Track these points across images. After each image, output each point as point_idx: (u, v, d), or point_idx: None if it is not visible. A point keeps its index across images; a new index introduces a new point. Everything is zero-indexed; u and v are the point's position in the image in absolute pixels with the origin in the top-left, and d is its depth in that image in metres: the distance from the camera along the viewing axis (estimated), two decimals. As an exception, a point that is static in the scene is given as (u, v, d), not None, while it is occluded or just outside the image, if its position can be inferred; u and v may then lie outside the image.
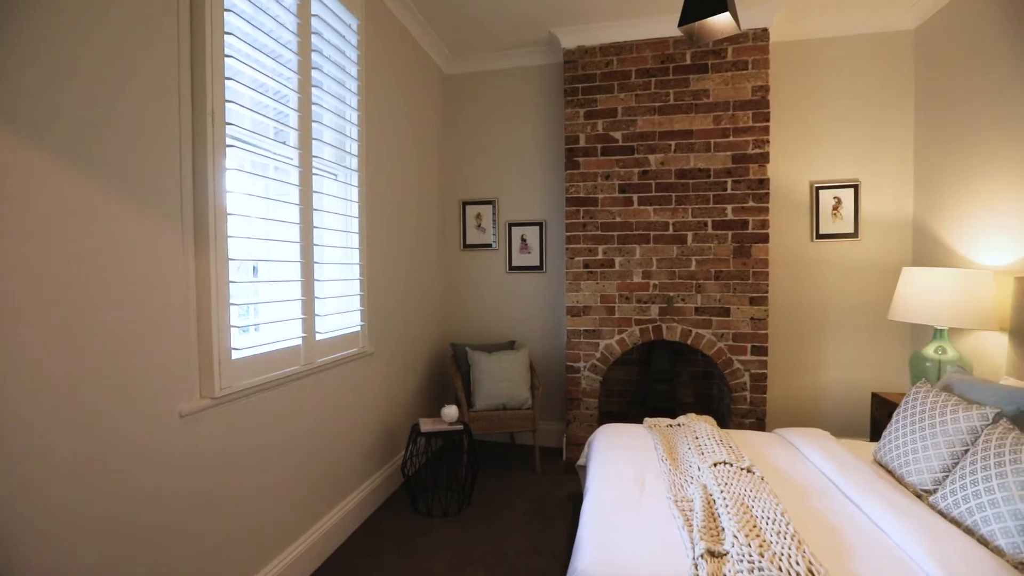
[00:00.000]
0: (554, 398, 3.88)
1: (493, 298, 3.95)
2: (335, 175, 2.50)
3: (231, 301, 1.77)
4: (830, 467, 2.03)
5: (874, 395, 2.94)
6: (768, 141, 3.17)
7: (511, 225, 3.87)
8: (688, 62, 3.28)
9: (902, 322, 3.29)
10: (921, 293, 2.61)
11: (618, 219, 3.42)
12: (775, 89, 3.39)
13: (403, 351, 3.28)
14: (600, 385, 3.53)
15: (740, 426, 3.29)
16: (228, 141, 1.75)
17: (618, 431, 2.61)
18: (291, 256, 2.15)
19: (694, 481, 1.91)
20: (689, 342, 3.35)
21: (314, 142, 2.29)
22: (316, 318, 2.27)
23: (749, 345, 3.26)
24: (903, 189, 3.27)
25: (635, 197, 3.39)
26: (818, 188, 3.36)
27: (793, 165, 3.42)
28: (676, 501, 1.78)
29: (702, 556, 1.40)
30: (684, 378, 3.78)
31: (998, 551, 1.45)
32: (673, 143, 3.31)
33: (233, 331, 1.80)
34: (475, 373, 3.40)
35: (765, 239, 3.20)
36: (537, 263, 3.84)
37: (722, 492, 1.75)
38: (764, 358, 3.23)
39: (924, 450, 1.92)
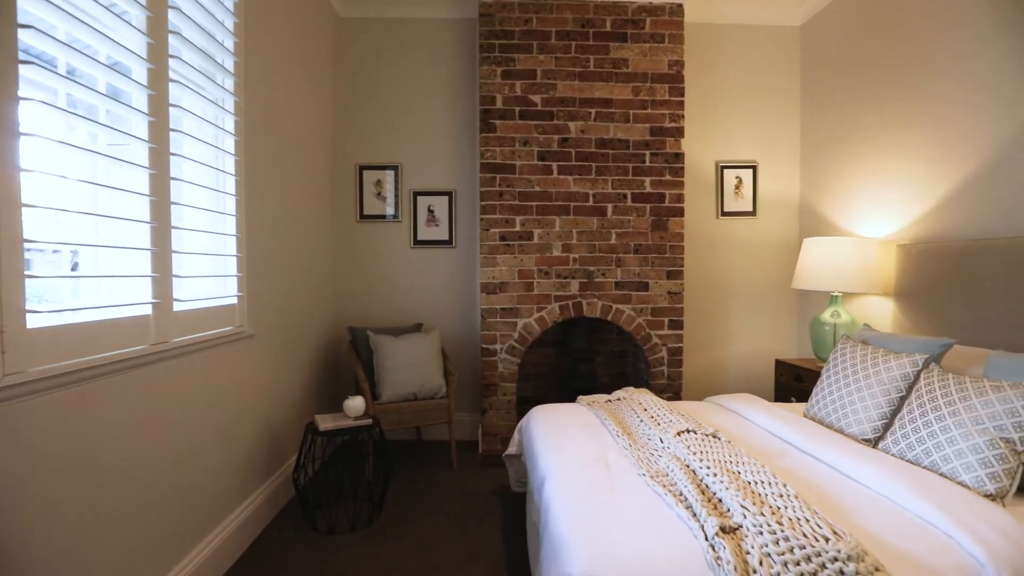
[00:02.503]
0: (466, 386, 3.54)
1: (396, 276, 3.47)
2: (202, 112, 1.88)
3: (25, 236, 1.15)
4: (779, 427, 1.99)
5: (778, 361, 3.09)
6: (683, 116, 3.19)
7: (416, 194, 3.44)
8: (608, 29, 3.17)
9: (795, 294, 3.55)
10: (820, 262, 2.78)
11: (537, 188, 3.19)
12: (687, 68, 3.44)
13: (290, 335, 2.68)
14: (518, 368, 3.27)
15: (658, 401, 3.26)
16: (22, 55, 1.14)
17: (556, 411, 2.36)
18: (137, 187, 1.53)
19: (662, 454, 1.72)
20: (610, 318, 3.24)
21: (172, 81, 1.67)
22: (174, 280, 1.66)
23: (667, 319, 3.25)
24: (792, 171, 3.53)
25: (555, 166, 3.19)
26: (723, 167, 3.48)
27: (700, 143, 3.50)
28: (652, 477, 1.56)
29: (717, 534, 1.18)
30: (600, 358, 3.68)
31: (963, 487, 1.46)
32: (593, 111, 3.18)
33: (30, 284, 1.18)
34: (380, 360, 2.91)
35: (681, 213, 3.22)
36: (446, 237, 3.46)
37: (701, 461, 1.58)
38: (680, 332, 3.24)
39: (861, 401, 1.96)
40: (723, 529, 1.21)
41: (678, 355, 3.27)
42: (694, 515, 1.31)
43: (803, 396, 2.79)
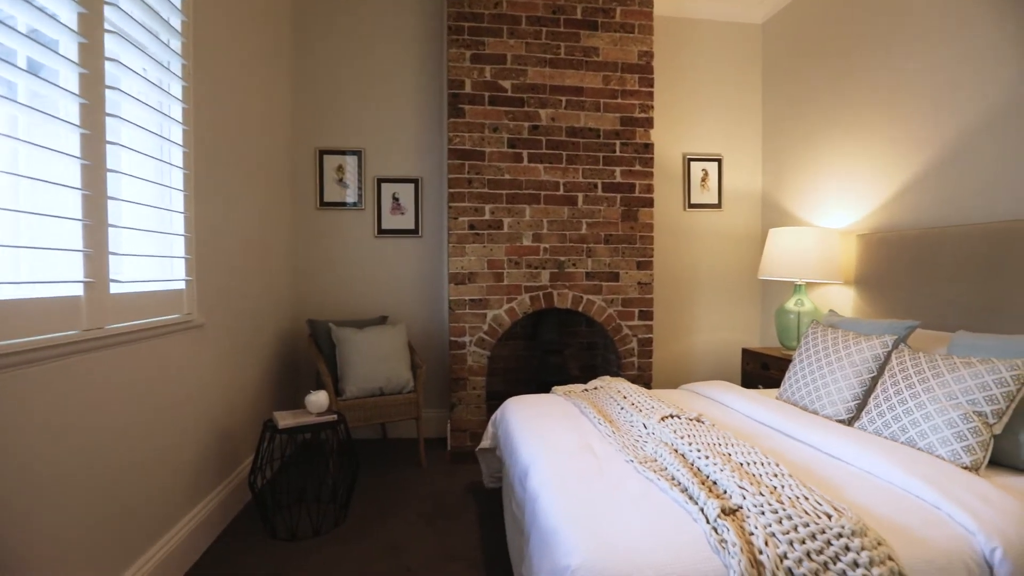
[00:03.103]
0: (433, 382, 3.41)
1: (359, 267, 3.30)
2: (143, 74, 1.68)
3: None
4: (757, 411, 2.00)
5: (744, 350, 3.14)
6: (652, 107, 3.19)
7: (380, 181, 3.28)
8: (579, 16, 3.13)
9: (758, 285, 3.63)
10: (785, 252, 2.84)
11: (507, 176, 3.11)
12: (655, 60, 3.45)
13: (245, 327, 2.48)
14: (487, 362, 3.17)
15: (629, 392, 3.24)
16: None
17: (532, 402, 2.28)
18: (67, 148, 1.34)
19: (647, 440, 1.68)
20: (580, 309, 3.20)
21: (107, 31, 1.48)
22: (110, 257, 1.47)
23: (637, 310, 3.25)
24: (755, 165, 3.61)
25: (525, 153, 3.12)
26: (690, 160, 3.52)
27: (668, 136, 3.53)
28: (641, 463, 1.51)
29: (719, 516, 1.14)
30: (570, 350, 3.64)
31: (943, 461, 1.48)
32: (564, 99, 3.14)
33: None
34: (343, 353, 2.75)
35: (650, 203, 3.22)
36: (412, 226, 3.32)
37: (690, 445, 1.54)
38: (651, 323, 3.25)
39: (835, 383, 2.00)
40: (724, 511, 1.17)
41: (648, 346, 3.26)
42: (691, 499, 1.26)
43: (769, 383, 2.84)
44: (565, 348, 3.48)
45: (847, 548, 1.06)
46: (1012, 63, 2.04)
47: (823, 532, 1.08)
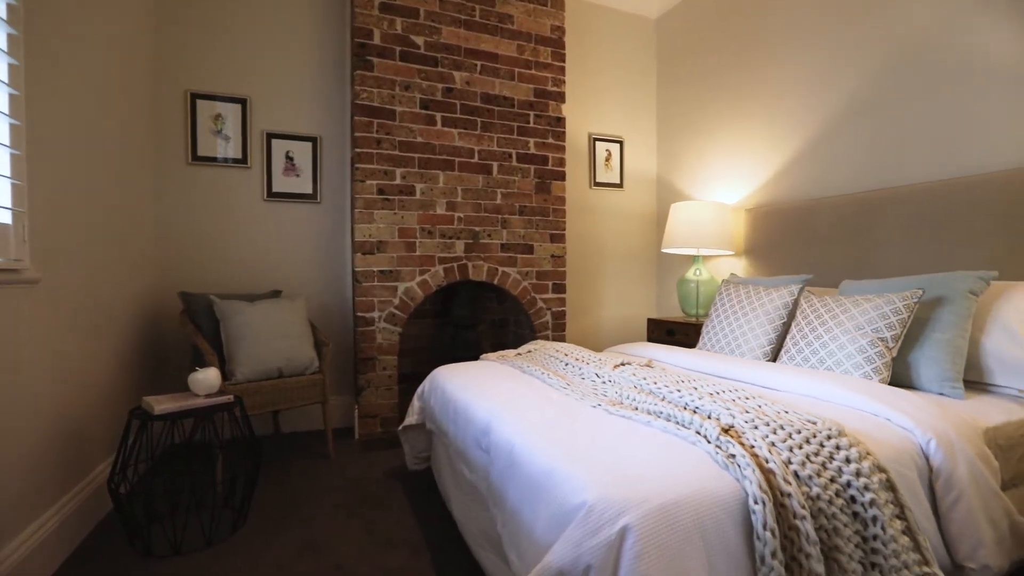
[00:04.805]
0: (333, 365, 3.05)
1: (244, 234, 2.82)
2: None
3: None
4: (689, 360, 2.07)
5: (650, 320, 3.31)
6: (564, 81, 3.23)
7: (271, 136, 2.84)
8: (493, -20, 3.05)
9: (655, 262, 3.87)
10: (685, 224, 3.05)
11: (419, 139, 2.90)
12: (568, 39, 3.49)
13: (96, 295, 1.94)
14: (399, 339, 2.92)
15: (545, 366, 3.22)
16: None
17: (465, 368, 2.12)
18: None
19: (607, 388, 1.63)
20: (496, 282, 3.10)
21: None
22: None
23: (551, 283, 3.24)
24: (651, 148, 3.85)
25: (439, 116, 2.94)
26: (595, 139, 3.63)
27: (576, 114, 3.60)
28: (611, 404, 1.45)
29: (720, 435, 1.11)
30: (481, 327, 3.52)
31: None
32: (479, 64, 3.02)
33: None
34: (231, 330, 2.30)
35: (562, 177, 3.25)
36: (309, 190, 2.94)
37: (656, 383, 1.52)
38: (564, 296, 3.27)
39: (752, 331, 2.16)
40: (723, 429, 1.15)
41: (562, 319, 3.28)
42: (680, 425, 1.23)
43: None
44: (478, 324, 3.36)
45: (837, 447, 1.10)
46: (867, 62, 2.41)
47: (814, 436, 1.12)
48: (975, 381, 1.74)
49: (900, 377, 1.76)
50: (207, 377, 1.84)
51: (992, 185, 1.93)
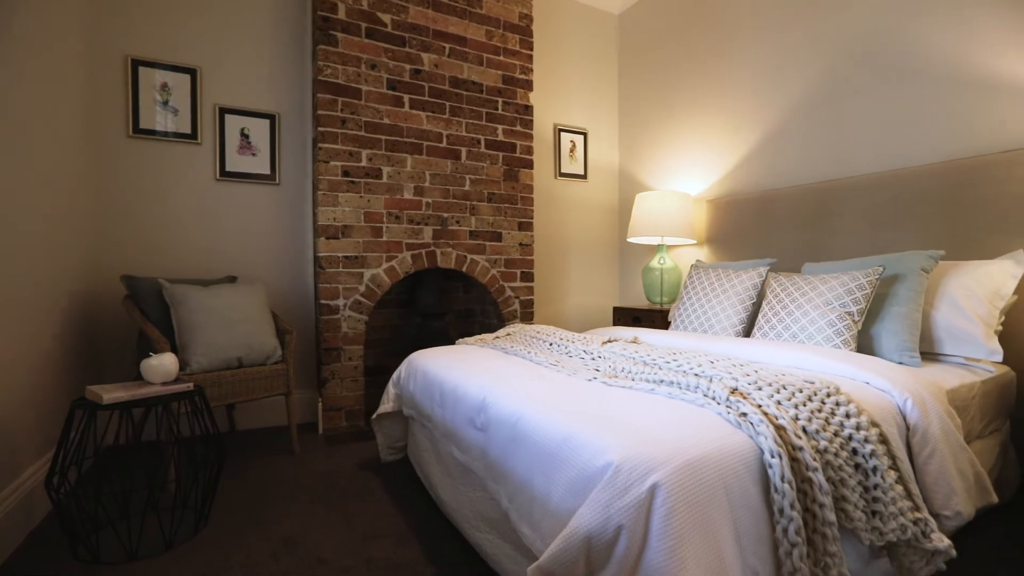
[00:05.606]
0: (294, 355, 2.87)
1: (195, 215, 2.60)
2: None
3: None
4: (667, 339, 2.11)
5: (615, 308, 3.36)
6: (532, 69, 3.22)
7: (224, 111, 2.64)
8: (462, -38, 2.99)
9: (618, 252, 3.94)
10: (649, 214, 3.12)
11: (386, 121, 2.80)
12: (535, 28, 3.49)
13: (23, 276, 1.72)
14: (365, 328, 2.80)
15: (514, 354, 3.20)
16: None
17: (444, 351, 2.05)
18: None
19: (599, 363, 1.63)
20: (464, 269, 3.05)
21: None
22: None
23: (519, 271, 3.23)
24: (613, 141, 3.93)
25: (407, 98, 2.85)
26: (560, 130, 3.65)
27: (541, 104, 3.60)
28: (607, 377, 1.45)
29: (730, 396, 1.13)
30: (448, 317, 3.44)
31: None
32: (447, 46, 2.96)
33: None
34: (184, 316, 2.11)
35: (530, 165, 3.24)
36: (267, 170, 2.76)
37: (650, 355, 1.53)
38: (532, 284, 3.26)
39: (724, 311, 2.24)
40: (732, 391, 1.17)
41: (530, 307, 3.27)
42: (684, 389, 1.24)
43: (643, 333, 3.08)
44: (446, 313, 3.28)
45: (837, 404, 1.15)
46: (819, 60, 2.57)
47: (815, 394, 1.16)
48: (927, 351, 1.88)
49: (863, 348, 1.87)
50: (163, 363, 1.67)
51: (933, 175, 2.11)
